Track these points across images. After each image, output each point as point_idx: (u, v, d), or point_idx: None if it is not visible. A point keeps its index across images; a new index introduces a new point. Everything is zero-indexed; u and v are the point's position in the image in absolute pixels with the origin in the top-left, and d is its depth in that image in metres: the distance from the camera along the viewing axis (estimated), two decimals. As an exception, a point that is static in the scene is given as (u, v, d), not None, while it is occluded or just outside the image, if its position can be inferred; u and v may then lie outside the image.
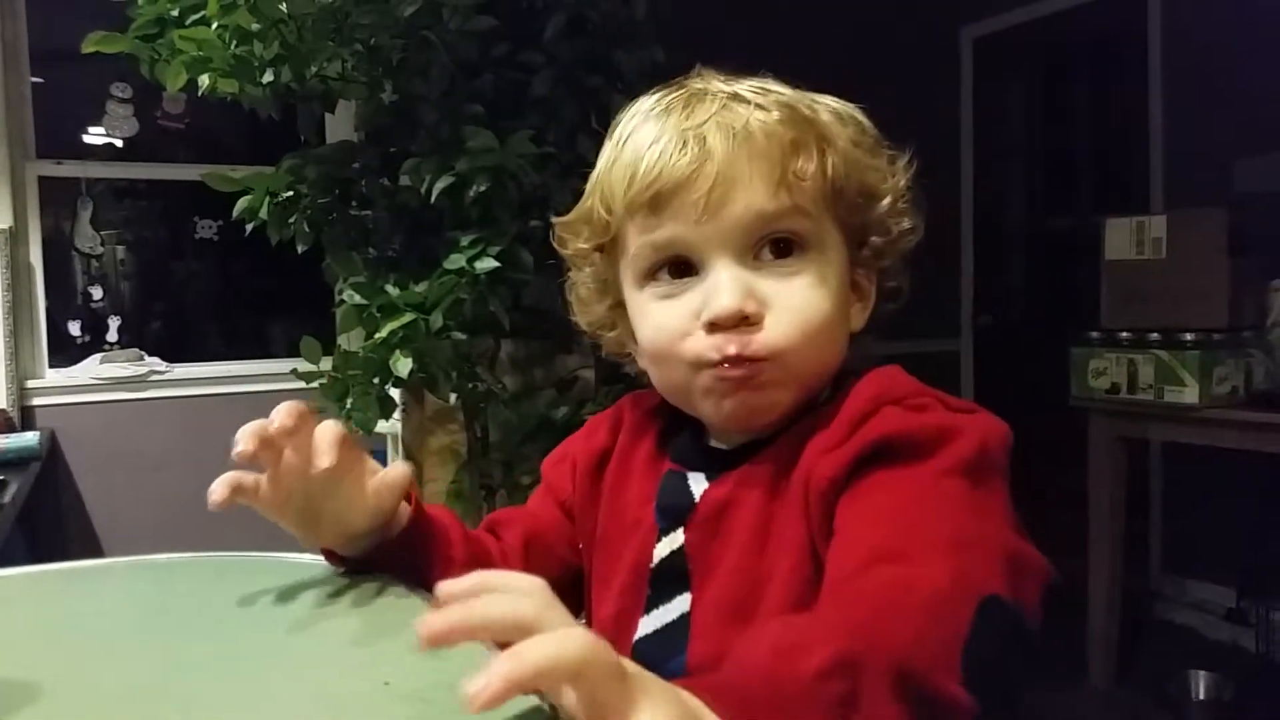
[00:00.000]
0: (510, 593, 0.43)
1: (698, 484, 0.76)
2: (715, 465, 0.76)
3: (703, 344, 0.69)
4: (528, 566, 0.83)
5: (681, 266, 0.71)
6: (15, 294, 3.44)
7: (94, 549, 3.54)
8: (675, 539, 0.75)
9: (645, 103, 0.75)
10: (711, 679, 0.44)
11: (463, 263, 2.02)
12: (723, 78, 0.74)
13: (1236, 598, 3.37)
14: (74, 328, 3.75)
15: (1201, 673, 2.82)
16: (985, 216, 4.26)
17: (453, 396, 2.21)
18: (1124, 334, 2.85)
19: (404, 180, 2.18)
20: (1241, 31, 3.34)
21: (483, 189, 2.01)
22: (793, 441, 0.71)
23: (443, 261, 2.05)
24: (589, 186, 0.78)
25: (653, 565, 0.75)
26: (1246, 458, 2.74)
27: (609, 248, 0.77)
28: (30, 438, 3.15)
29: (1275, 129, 3.21)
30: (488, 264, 2.01)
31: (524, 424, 2.26)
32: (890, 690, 0.44)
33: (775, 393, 0.71)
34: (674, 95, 0.73)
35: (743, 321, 0.68)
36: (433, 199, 2.05)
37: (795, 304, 0.70)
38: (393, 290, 2.07)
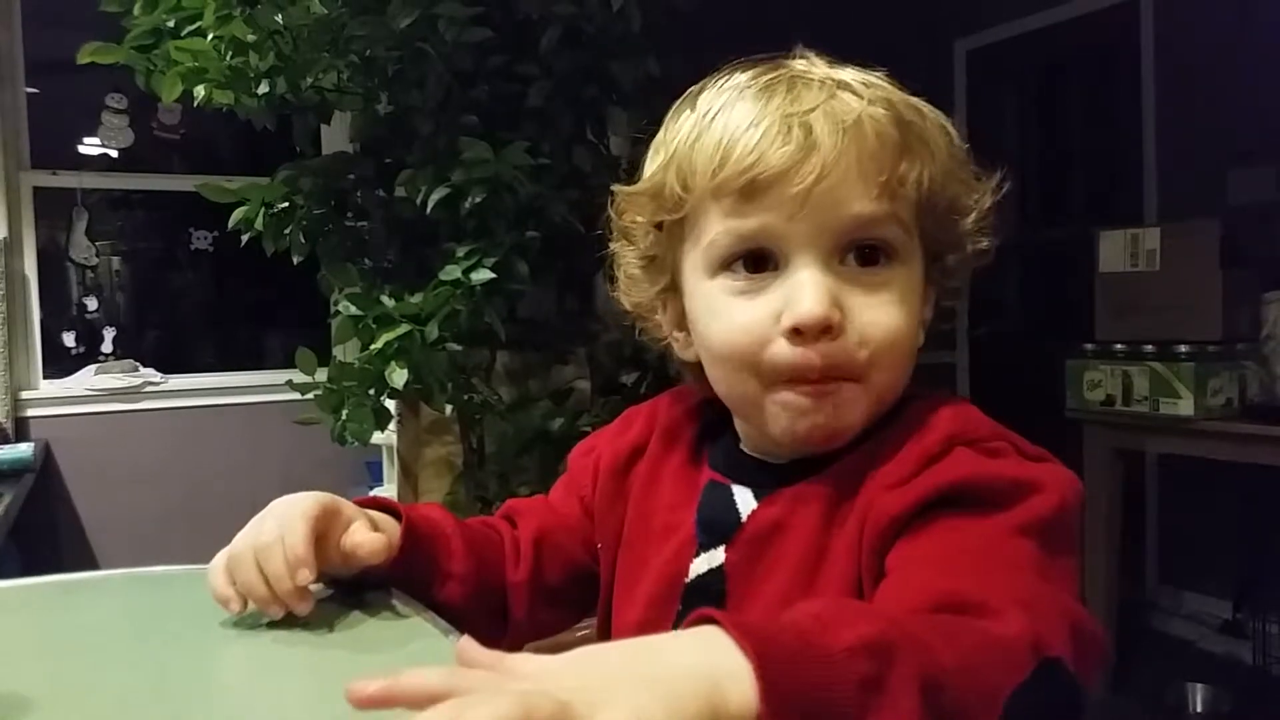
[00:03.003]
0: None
1: (744, 500, 0.71)
2: (762, 480, 0.71)
3: (786, 354, 0.64)
4: (537, 563, 0.82)
5: (760, 260, 0.66)
6: (10, 305, 3.44)
7: (88, 561, 3.52)
8: (715, 556, 0.71)
9: (737, 78, 0.69)
10: (741, 617, 0.43)
11: (458, 274, 2.02)
12: (827, 60, 0.69)
13: (1233, 609, 3.37)
14: (68, 338, 3.74)
15: (1199, 685, 2.82)
16: (985, 221, 4.24)
17: (448, 408, 2.21)
18: (1119, 346, 2.86)
19: (399, 191, 2.18)
20: (1234, 43, 3.35)
21: (478, 200, 2.01)
22: (852, 466, 0.67)
23: (438, 273, 2.05)
24: (661, 158, 0.70)
25: (688, 580, 0.72)
26: (1242, 469, 2.75)
27: (671, 226, 0.71)
28: (24, 449, 3.14)
29: (1268, 141, 3.22)
30: (483, 275, 2.01)
31: (520, 435, 2.26)
32: (917, 691, 0.42)
33: (851, 414, 0.66)
34: (775, 75, 0.68)
35: (824, 332, 0.64)
36: (428, 210, 2.05)
37: (882, 320, 0.65)
38: (388, 301, 2.07)
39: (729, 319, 0.67)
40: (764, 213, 0.64)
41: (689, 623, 0.44)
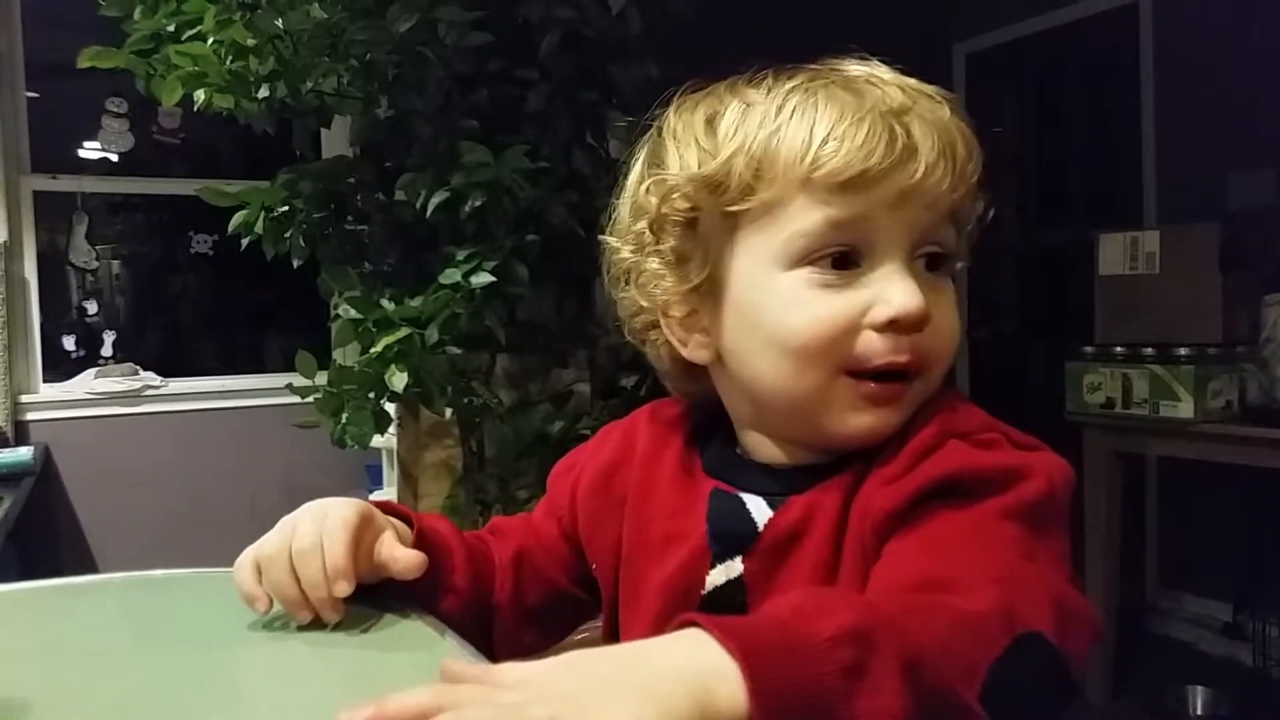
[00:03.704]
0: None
1: (758, 509, 0.71)
2: (771, 487, 0.71)
3: (878, 345, 0.65)
4: (517, 584, 0.82)
5: (844, 259, 0.66)
6: (10, 308, 3.44)
7: (88, 565, 3.52)
8: (733, 567, 0.70)
9: (797, 77, 0.69)
10: (723, 618, 0.44)
11: (458, 277, 2.02)
12: (886, 66, 0.71)
13: (1233, 612, 3.37)
14: (68, 342, 3.74)
15: (1199, 688, 2.81)
16: (979, 231, 4.26)
17: (448, 411, 2.21)
18: (1118, 349, 2.85)
19: (399, 195, 2.18)
20: (1234, 46, 3.35)
21: (478, 204, 2.01)
22: (858, 468, 0.68)
23: (438, 276, 2.05)
24: (711, 151, 0.68)
25: (705, 592, 0.71)
26: (1242, 472, 2.75)
27: (718, 219, 0.69)
28: (24, 453, 3.14)
29: (1268, 143, 3.23)
30: (483, 278, 2.01)
31: (520, 439, 2.26)
32: (900, 673, 0.43)
33: (906, 414, 0.67)
34: (848, 75, 0.69)
35: (915, 326, 0.65)
36: (428, 213, 2.05)
37: (948, 322, 0.68)
38: (388, 305, 2.07)
39: (812, 310, 0.66)
40: (860, 207, 0.65)
41: (672, 627, 0.45)
